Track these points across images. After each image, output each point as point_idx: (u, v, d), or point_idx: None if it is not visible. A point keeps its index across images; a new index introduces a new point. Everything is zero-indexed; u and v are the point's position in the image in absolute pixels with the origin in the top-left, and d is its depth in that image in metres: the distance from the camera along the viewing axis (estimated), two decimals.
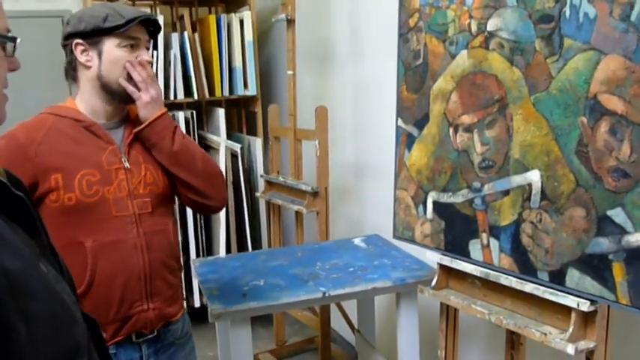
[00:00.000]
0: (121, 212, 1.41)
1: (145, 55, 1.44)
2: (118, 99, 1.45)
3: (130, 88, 1.43)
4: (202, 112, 3.55)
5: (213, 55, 3.27)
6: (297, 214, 2.94)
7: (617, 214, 1.19)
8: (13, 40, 0.79)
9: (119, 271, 1.40)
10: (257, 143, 3.39)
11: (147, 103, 1.44)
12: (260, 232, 3.45)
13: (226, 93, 3.35)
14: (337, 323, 3.00)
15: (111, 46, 1.40)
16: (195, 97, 3.27)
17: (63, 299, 0.73)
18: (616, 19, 1.17)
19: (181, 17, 3.45)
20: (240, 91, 3.38)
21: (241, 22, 3.32)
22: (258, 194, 3.17)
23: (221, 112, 3.27)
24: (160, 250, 1.46)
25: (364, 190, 2.99)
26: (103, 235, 1.39)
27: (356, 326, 2.70)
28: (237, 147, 3.25)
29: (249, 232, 3.27)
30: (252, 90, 3.40)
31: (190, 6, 3.61)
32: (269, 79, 3.84)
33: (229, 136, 3.36)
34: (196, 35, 3.31)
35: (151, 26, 1.47)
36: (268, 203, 3.19)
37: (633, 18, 1.15)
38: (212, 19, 3.27)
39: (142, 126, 1.45)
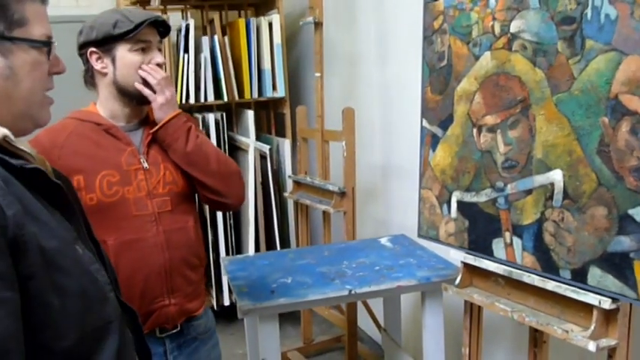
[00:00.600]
0: (141, 211, 1.46)
1: (157, 58, 1.48)
2: (135, 101, 1.50)
3: (146, 92, 1.47)
4: (232, 113, 3.62)
5: (242, 58, 3.33)
6: (325, 214, 2.97)
7: (638, 213, 1.20)
8: (48, 45, 0.85)
9: (139, 267, 1.44)
10: (285, 144, 3.43)
11: (162, 104, 1.48)
12: (288, 232, 3.50)
13: (255, 95, 3.40)
14: (364, 322, 3.03)
15: (123, 52, 1.44)
16: (225, 99, 3.33)
17: (96, 279, 0.79)
18: (637, 19, 1.18)
19: (211, 21, 3.52)
20: (268, 93, 3.43)
21: (270, 26, 3.37)
22: (286, 194, 3.21)
23: (250, 114, 3.32)
24: (180, 247, 1.50)
25: (390, 190, 3.01)
26: (123, 233, 1.44)
27: (382, 325, 2.72)
28: (265, 148, 3.31)
29: (278, 231, 3.31)
30: (280, 92, 3.45)
31: (220, 10, 3.67)
32: (297, 81, 3.89)
33: (258, 138, 3.42)
34: (226, 38, 3.37)
35: (160, 27, 1.51)
36: (296, 203, 3.23)
37: None
38: (241, 22, 3.33)
39: (157, 127, 1.50)
